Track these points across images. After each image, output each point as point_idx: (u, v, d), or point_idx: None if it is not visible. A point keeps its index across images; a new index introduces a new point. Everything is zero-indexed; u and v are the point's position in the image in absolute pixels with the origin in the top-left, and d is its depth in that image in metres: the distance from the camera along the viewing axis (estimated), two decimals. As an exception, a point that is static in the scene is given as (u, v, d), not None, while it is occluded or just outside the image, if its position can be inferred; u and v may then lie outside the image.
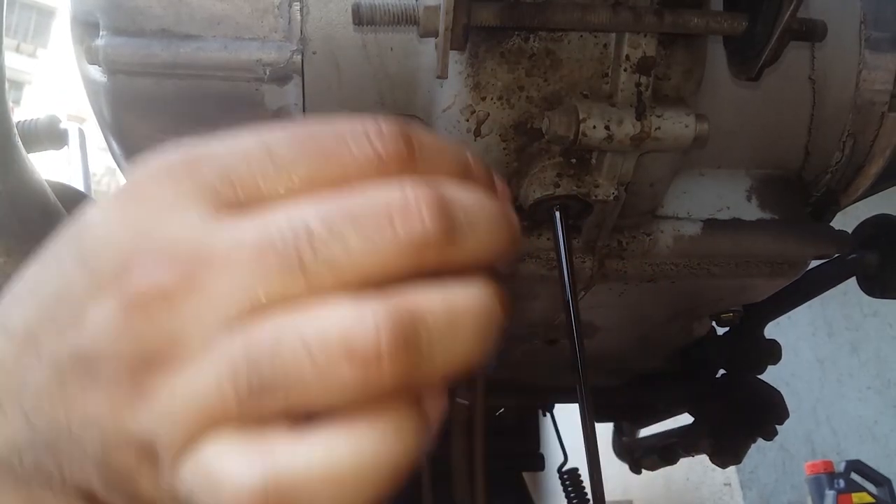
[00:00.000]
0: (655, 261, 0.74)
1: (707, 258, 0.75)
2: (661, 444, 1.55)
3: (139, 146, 0.72)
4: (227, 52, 0.63)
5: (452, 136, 0.63)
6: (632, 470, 1.73)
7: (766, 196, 0.77)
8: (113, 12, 0.62)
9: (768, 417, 1.19)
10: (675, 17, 0.55)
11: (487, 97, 0.60)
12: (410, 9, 0.55)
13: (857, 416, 2.48)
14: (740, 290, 0.83)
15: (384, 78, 0.66)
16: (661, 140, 0.60)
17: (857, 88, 0.75)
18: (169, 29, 0.63)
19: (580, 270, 0.72)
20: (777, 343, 1.21)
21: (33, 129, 0.96)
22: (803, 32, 0.58)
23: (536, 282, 0.74)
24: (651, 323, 0.95)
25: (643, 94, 0.59)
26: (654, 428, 1.64)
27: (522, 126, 0.62)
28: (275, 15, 0.63)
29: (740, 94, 0.74)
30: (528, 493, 2.02)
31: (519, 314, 0.88)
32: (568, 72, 0.60)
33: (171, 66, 0.63)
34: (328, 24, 0.63)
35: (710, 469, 2.78)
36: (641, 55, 0.58)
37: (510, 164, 0.64)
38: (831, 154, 0.78)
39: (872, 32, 0.74)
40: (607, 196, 0.64)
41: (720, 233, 0.74)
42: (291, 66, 0.64)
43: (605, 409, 1.60)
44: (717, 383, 1.28)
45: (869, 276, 1.05)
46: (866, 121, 0.76)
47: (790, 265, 0.77)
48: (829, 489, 2.09)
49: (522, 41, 0.59)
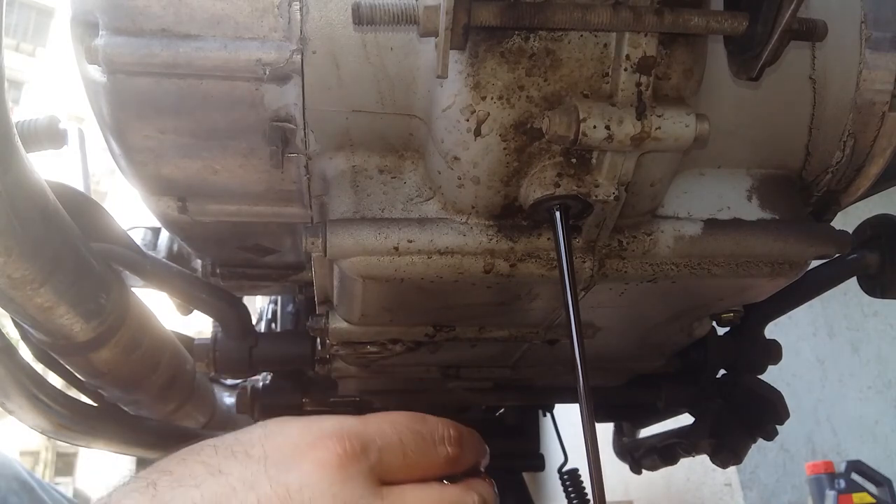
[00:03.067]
0: (656, 261, 0.74)
1: (707, 258, 0.75)
2: (661, 445, 1.55)
3: (139, 146, 0.72)
4: (226, 51, 0.63)
5: (452, 135, 0.63)
6: (632, 470, 1.73)
7: (766, 196, 0.77)
8: (113, 12, 0.62)
9: (769, 418, 1.19)
10: (675, 16, 0.55)
11: (487, 97, 0.60)
12: (410, 8, 0.55)
13: (858, 417, 2.47)
14: (741, 290, 0.83)
15: (384, 78, 0.66)
16: (662, 140, 0.60)
17: (857, 88, 0.75)
18: (168, 28, 0.63)
19: (580, 270, 0.72)
20: (777, 343, 1.21)
21: (33, 129, 0.96)
22: (803, 32, 0.58)
23: (536, 282, 0.74)
24: (651, 323, 0.95)
25: (643, 94, 0.59)
26: (654, 428, 1.63)
27: (522, 126, 0.62)
28: (274, 15, 0.63)
29: (741, 94, 0.74)
30: (528, 493, 2.02)
31: (519, 314, 0.88)
32: (568, 71, 0.60)
33: (170, 65, 0.63)
34: (328, 24, 0.63)
35: (711, 469, 2.78)
36: (642, 55, 0.58)
37: (510, 163, 0.64)
38: (832, 154, 0.78)
39: (873, 32, 0.74)
40: (607, 196, 0.64)
41: (721, 233, 0.74)
42: (291, 66, 0.64)
43: (605, 409, 1.60)
44: (718, 383, 1.28)
45: (869, 276, 1.05)
46: (867, 121, 0.76)
47: (791, 265, 0.77)
48: (829, 489, 2.09)
49: (522, 41, 0.59)
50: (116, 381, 1.06)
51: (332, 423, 0.55)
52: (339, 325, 0.89)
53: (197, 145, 0.72)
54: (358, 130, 0.70)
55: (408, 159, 0.73)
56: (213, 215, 0.82)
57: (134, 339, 1.02)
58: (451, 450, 0.58)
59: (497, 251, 0.70)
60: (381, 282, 0.72)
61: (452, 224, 0.70)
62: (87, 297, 0.88)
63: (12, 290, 0.76)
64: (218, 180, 0.76)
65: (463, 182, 0.67)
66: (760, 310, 1.13)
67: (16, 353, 1.00)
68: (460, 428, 0.60)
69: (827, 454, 2.51)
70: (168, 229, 0.95)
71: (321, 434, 0.54)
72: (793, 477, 2.64)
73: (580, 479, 1.78)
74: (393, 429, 0.56)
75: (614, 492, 3.28)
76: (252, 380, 1.32)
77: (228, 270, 1.08)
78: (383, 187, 0.72)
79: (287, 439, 0.54)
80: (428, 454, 0.57)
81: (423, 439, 0.57)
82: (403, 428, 0.57)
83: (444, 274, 0.71)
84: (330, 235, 0.68)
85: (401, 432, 0.56)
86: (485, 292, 0.78)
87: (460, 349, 1.00)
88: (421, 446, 0.57)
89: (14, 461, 1.27)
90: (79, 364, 0.99)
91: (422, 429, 0.58)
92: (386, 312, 0.84)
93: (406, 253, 0.69)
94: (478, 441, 0.62)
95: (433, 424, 0.59)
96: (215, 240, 0.96)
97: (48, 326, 0.86)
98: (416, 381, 1.22)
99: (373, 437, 0.55)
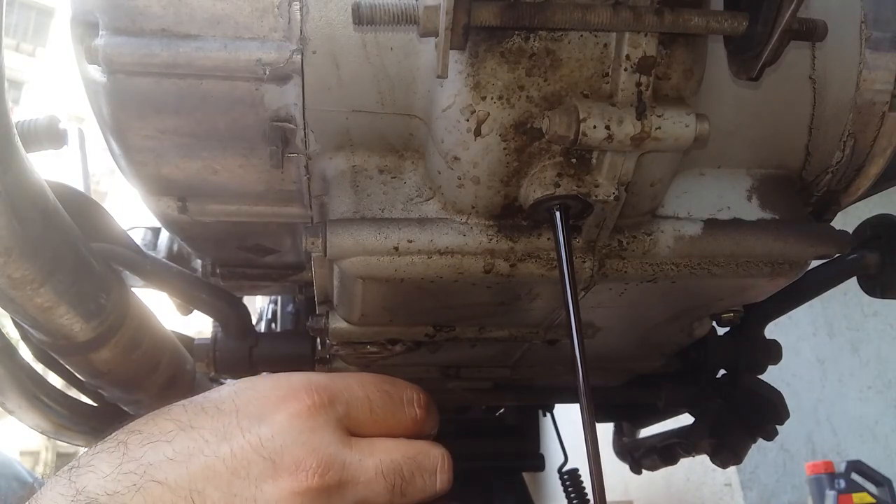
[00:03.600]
0: (656, 261, 0.74)
1: (707, 258, 0.75)
2: (661, 445, 1.55)
3: (139, 146, 0.72)
4: (226, 51, 0.63)
5: (452, 135, 0.63)
6: (632, 470, 1.73)
7: (766, 196, 0.77)
8: (113, 12, 0.62)
9: (769, 418, 1.19)
10: (675, 16, 0.55)
11: (487, 97, 0.60)
12: (410, 8, 0.55)
13: (858, 417, 2.48)
14: (741, 290, 0.83)
15: (384, 78, 0.66)
16: (662, 140, 0.60)
17: (857, 88, 0.75)
18: (168, 28, 0.63)
19: (580, 270, 0.72)
20: (777, 343, 1.21)
21: (33, 129, 0.96)
22: (803, 32, 0.58)
23: (536, 282, 0.74)
24: (651, 323, 0.95)
25: (643, 94, 0.59)
26: (654, 428, 1.64)
27: (522, 126, 0.62)
28: (274, 14, 0.63)
29: (741, 94, 0.74)
30: (528, 493, 2.02)
31: (519, 314, 0.88)
32: (568, 71, 0.60)
33: (170, 65, 0.63)
34: (328, 24, 0.63)
35: (711, 469, 2.78)
36: (642, 55, 0.58)
37: (510, 163, 0.64)
38: (832, 154, 0.78)
39: (873, 32, 0.74)
40: (607, 196, 0.64)
41: (721, 233, 0.74)
42: (291, 66, 0.64)
43: (605, 409, 1.60)
44: (718, 383, 1.28)
45: (869, 276, 1.05)
46: (867, 121, 0.76)
47: (791, 265, 0.77)
48: (829, 489, 2.09)
49: (522, 41, 0.59)
50: (116, 381, 1.06)
51: (300, 378, 0.58)
52: (339, 325, 0.89)
53: (197, 145, 0.72)
54: (358, 130, 0.70)
55: (408, 159, 0.73)
56: (213, 215, 0.82)
57: (134, 339, 1.02)
58: (419, 412, 0.61)
59: (497, 251, 0.70)
60: (380, 282, 0.72)
61: (452, 224, 0.70)
62: (87, 297, 0.88)
63: (12, 290, 0.76)
64: (218, 180, 0.76)
65: (463, 182, 0.67)
66: (760, 310, 1.13)
67: (16, 353, 1.00)
68: (426, 393, 0.63)
69: (827, 454, 2.52)
70: (168, 229, 0.95)
71: (290, 387, 0.56)
72: (793, 477, 2.64)
73: (580, 479, 1.78)
74: (360, 385, 0.59)
75: (614, 492, 3.28)
76: (252, 380, 1.32)
77: (228, 270, 1.08)
78: (383, 187, 0.72)
79: (257, 393, 0.56)
80: (395, 413, 0.60)
81: (391, 398, 0.60)
82: (371, 386, 0.60)
83: (444, 274, 0.71)
84: (330, 235, 0.69)
85: (368, 389, 0.59)
86: (485, 292, 0.78)
87: (460, 349, 1.00)
88: (388, 404, 0.60)
89: (14, 461, 1.28)
90: (79, 364, 0.99)
91: (390, 389, 0.61)
92: (386, 312, 0.84)
93: (406, 253, 0.69)
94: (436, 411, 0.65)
95: (402, 386, 0.62)
96: (215, 240, 0.96)
97: (48, 326, 0.86)
98: (416, 381, 1.22)
99: (340, 391, 0.57)
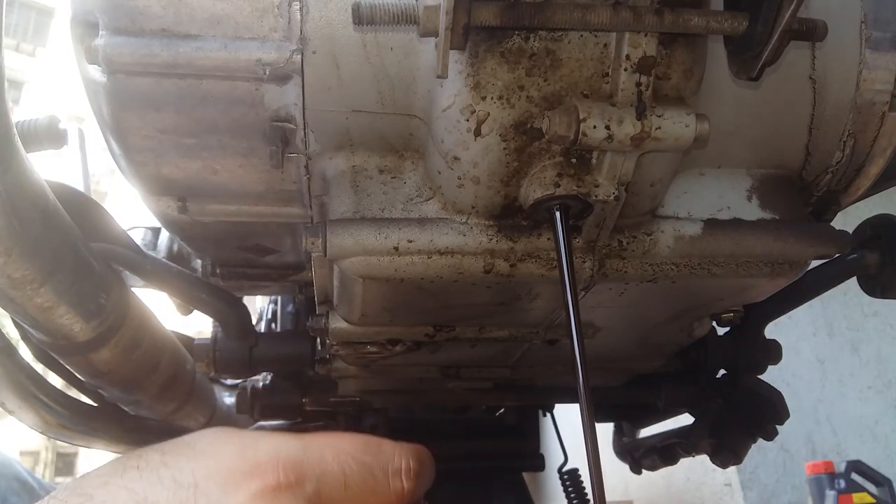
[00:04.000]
0: (656, 261, 0.74)
1: (707, 258, 0.75)
2: (661, 445, 1.55)
3: (139, 146, 0.72)
4: (226, 51, 0.63)
5: (452, 135, 0.63)
6: (632, 470, 1.73)
7: (766, 196, 0.77)
8: (113, 12, 0.62)
9: (769, 418, 1.19)
10: (675, 16, 0.55)
11: (487, 97, 0.60)
12: (410, 8, 0.55)
13: (858, 417, 2.48)
14: (741, 290, 0.83)
15: (384, 78, 0.66)
16: (662, 140, 0.60)
17: (857, 88, 0.75)
18: (168, 28, 0.63)
19: (580, 270, 0.72)
20: (777, 343, 1.21)
21: (33, 129, 0.96)
22: (803, 32, 0.58)
23: (536, 282, 0.74)
24: (651, 323, 0.95)
25: (643, 94, 0.59)
26: (654, 428, 1.63)
27: (522, 126, 0.62)
28: (274, 14, 0.63)
29: (741, 94, 0.74)
30: (528, 493, 2.02)
31: (519, 314, 0.88)
32: (568, 71, 0.60)
33: (170, 65, 0.63)
34: (328, 24, 0.63)
35: (711, 469, 2.78)
36: (642, 55, 0.58)
37: (510, 163, 0.64)
38: (832, 154, 0.78)
39: (873, 32, 0.74)
40: (607, 196, 0.64)
41: (721, 233, 0.74)
42: (291, 66, 0.64)
43: (605, 409, 1.60)
44: (718, 383, 1.28)
45: (869, 276, 1.05)
46: (867, 121, 0.76)
47: (791, 265, 0.77)
48: (829, 489, 2.09)
49: (522, 41, 0.59)
50: (116, 381, 1.06)
51: (268, 448, 0.52)
52: (339, 325, 0.89)
53: (197, 145, 0.72)
54: (358, 130, 0.70)
55: (408, 159, 0.73)
56: (213, 215, 0.82)
57: (134, 339, 1.02)
58: (406, 484, 0.54)
59: (497, 251, 0.70)
60: (381, 282, 0.72)
61: (452, 224, 0.70)
62: (87, 297, 0.88)
63: (12, 290, 0.76)
64: (218, 180, 0.76)
65: (463, 182, 0.67)
66: (760, 310, 1.13)
67: (16, 353, 1.00)
68: (421, 456, 0.56)
69: (827, 454, 2.52)
70: (168, 229, 0.95)
71: (255, 461, 0.51)
72: (793, 477, 2.64)
73: (580, 479, 1.78)
74: (335, 457, 0.53)
75: (614, 492, 3.28)
76: (252, 380, 1.32)
77: (228, 270, 1.08)
78: (383, 187, 0.72)
79: (219, 464, 0.51)
80: (375, 488, 0.54)
81: (370, 471, 0.54)
82: (347, 457, 0.53)
83: (444, 274, 0.71)
84: (330, 235, 0.69)
85: (343, 462, 0.53)
86: (485, 292, 0.78)
87: (460, 349, 1.00)
88: (367, 479, 0.53)
89: (14, 461, 1.28)
90: (79, 364, 0.99)
91: (371, 460, 0.54)
92: (386, 312, 0.84)
93: (406, 253, 0.69)
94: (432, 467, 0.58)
95: (388, 455, 0.55)
96: (215, 240, 0.96)
97: (48, 326, 0.86)
98: (416, 381, 1.22)
99: (311, 466, 0.52)
